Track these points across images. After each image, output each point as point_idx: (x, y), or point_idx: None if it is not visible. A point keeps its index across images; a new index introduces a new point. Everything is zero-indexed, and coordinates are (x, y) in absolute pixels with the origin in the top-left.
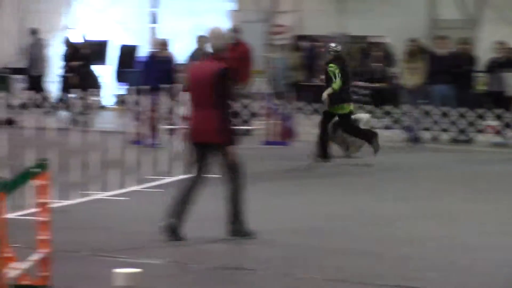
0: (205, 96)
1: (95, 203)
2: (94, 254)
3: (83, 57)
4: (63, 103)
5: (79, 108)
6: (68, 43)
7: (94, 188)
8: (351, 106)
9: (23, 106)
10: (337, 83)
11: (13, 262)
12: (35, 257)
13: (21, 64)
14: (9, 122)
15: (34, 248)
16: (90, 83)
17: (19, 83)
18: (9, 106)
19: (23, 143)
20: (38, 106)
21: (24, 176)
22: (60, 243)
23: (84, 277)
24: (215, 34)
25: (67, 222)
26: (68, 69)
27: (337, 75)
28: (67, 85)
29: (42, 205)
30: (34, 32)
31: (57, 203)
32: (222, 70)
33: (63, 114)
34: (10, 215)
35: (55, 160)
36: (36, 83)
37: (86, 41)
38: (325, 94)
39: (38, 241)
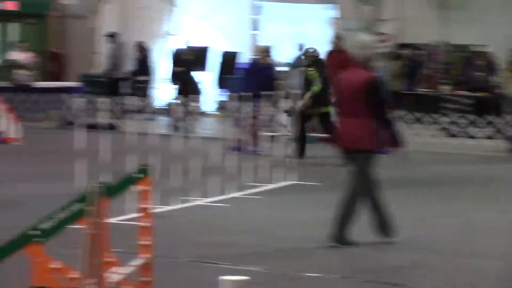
0: (354, 104)
1: (196, 209)
2: (194, 260)
3: (185, 63)
4: (165, 109)
5: (180, 114)
6: (172, 50)
7: (194, 194)
8: (330, 108)
9: (126, 111)
10: (317, 86)
11: (115, 266)
12: (137, 262)
13: (126, 69)
14: (112, 128)
15: (136, 253)
16: (192, 89)
17: (123, 88)
18: (112, 112)
19: (126, 148)
20: (140, 111)
21: (127, 181)
22: (161, 249)
23: (184, 283)
24: (362, 44)
25: (168, 228)
26: (172, 75)
27: (317, 78)
28: (171, 91)
29: (144, 210)
30: (112, 35)
31: (158, 209)
32: (373, 80)
33: (165, 120)
34: (112, 220)
35: (156, 166)
36: (116, 87)
37: (188, 47)
38: (306, 97)
39: (139, 246)
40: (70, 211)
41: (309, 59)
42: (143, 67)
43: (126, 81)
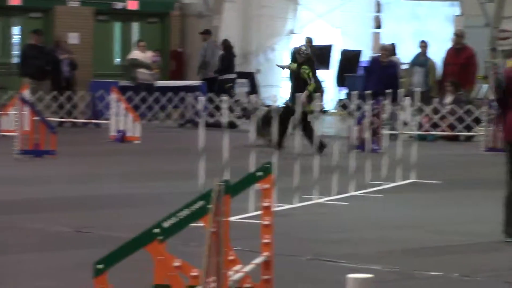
0: None
1: (316, 207)
2: (314, 258)
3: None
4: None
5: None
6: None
7: (315, 193)
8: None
9: (245, 109)
10: (312, 85)
11: (236, 264)
12: (257, 260)
13: (244, 68)
14: (232, 126)
15: (256, 251)
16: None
17: (241, 87)
18: (231, 110)
19: (246, 146)
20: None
21: (249, 180)
22: (281, 247)
23: (304, 281)
24: None
25: (287, 226)
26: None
27: (311, 76)
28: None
29: (265, 208)
30: (207, 32)
31: (278, 207)
32: None
33: None
34: (232, 218)
35: (276, 164)
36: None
37: (310, 45)
38: (304, 96)
39: (260, 244)
40: (192, 209)
41: (301, 57)
42: (228, 65)
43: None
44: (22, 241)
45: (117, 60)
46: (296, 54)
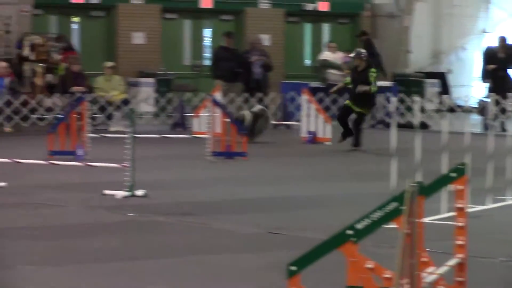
0: None
1: (510, 208)
2: (509, 260)
3: (498, 61)
4: (479, 107)
5: (493, 112)
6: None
7: (508, 193)
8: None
9: (438, 110)
10: (375, 87)
11: (429, 266)
12: (451, 262)
13: (435, 68)
14: (424, 127)
15: (449, 253)
16: (506, 87)
17: (432, 87)
18: (423, 111)
19: (438, 147)
20: (451, 110)
21: (442, 181)
22: (474, 249)
23: (498, 284)
24: None
25: (481, 227)
26: (484, 73)
27: (375, 80)
28: (483, 89)
29: (459, 210)
30: (363, 34)
31: (471, 208)
32: None
33: (478, 118)
34: (425, 219)
35: (469, 165)
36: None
37: (504, 45)
38: (362, 88)
39: (454, 245)
40: (386, 210)
41: (364, 60)
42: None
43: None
44: (214, 242)
45: (307, 62)
46: (358, 59)
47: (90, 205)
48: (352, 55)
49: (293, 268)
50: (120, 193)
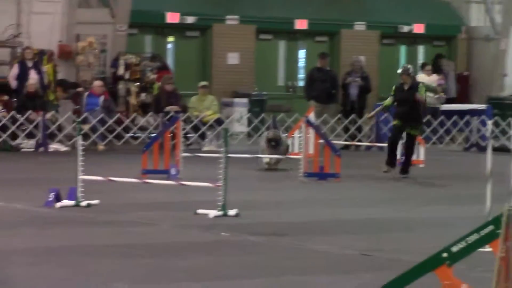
0: None
1: None
2: None
3: None
4: None
5: None
6: None
7: None
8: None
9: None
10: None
11: None
12: None
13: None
14: None
15: None
16: None
17: None
18: None
19: None
20: None
21: None
22: None
23: None
24: None
25: None
26: None
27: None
28: None
29: None
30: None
31: None
32: None
33: None
34: None
35: None
36: None
37: None
38: (418, 97)
39: None
40: (481, 234)
41: (410, 76)
42: None
43: None
44: (306, 263)
45: None
46: (406, 76)
47: (182, 224)
48: (399, 71)
49: None
50: (212, 213)
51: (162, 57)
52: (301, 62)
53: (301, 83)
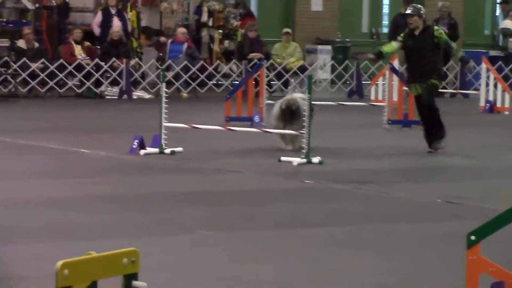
0: None
1: None
2: None
3: None
4: None
5: None
6: None
7: None
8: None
9: None
10: (459, 51)
11: None
12: None
13: None
14: None
15: None
16: None
17: None
18: None
19: None
20: None
21: None
22: None
23: None
24: None
25: None
26: None
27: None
28: None
29: None
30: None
31: None
32: None
33: None
34: None
35: None
36: None
37: None
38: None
39: None
40: None
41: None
42: None
43: None
44: (390, 210)
45: (486, 31)
46: (417, 18)
47: (266, 171)
48: (408, 11)
49: (473, 237)
50: (296, 160)
51: (246, 3)
52: (385, 9)
53: (385, 30)
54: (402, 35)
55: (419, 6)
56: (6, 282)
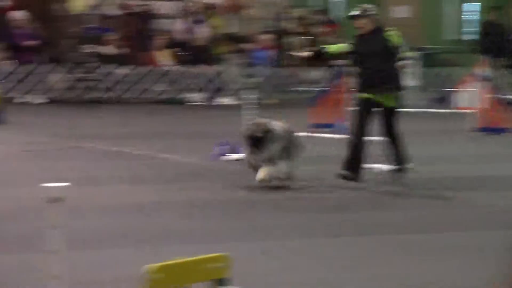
0: None
1: None
2: None
3: None
4: None
5: None
6: None
7: None
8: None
9: None
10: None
11: None
12: None
13: None
14: None
15: None
16: None
17: None
18: None
19: None
20: None
21: None
22: None
23: None
24: None
25: None
26: None
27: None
28: None
29: None
30: None
31: None
32: None
33: None
34: None
35: None
36: None
37: None
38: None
39: None
40: None
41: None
42: None
43: None
44: (477, 218)
45: None
46: (364, 19)
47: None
48: (354, 12)
49: None
50: (385, 167)
51: (329, 11)
52: (468, 16)
53: (468, 37)
54: (353, 40)
55: (366, 5)
56: (94, 285)
